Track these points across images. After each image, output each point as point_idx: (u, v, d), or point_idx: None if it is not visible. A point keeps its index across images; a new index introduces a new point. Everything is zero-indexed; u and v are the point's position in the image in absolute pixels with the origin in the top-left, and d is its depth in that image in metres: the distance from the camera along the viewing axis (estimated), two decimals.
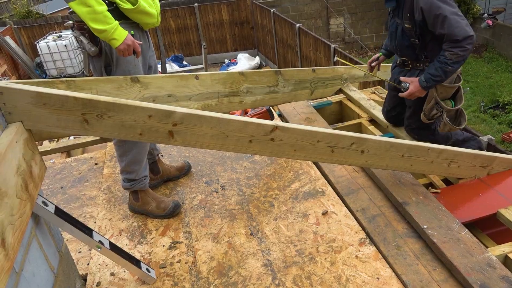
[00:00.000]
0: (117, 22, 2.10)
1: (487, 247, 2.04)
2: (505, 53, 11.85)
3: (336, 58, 3.02)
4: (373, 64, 3.07)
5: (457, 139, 2.93)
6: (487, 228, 2.31)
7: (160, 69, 2.53)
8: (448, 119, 2.67)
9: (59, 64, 10.89)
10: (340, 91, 3.87)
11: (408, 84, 2.63)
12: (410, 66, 2.75)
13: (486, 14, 12.90)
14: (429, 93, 2.65)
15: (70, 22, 2.19)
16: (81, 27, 2.13)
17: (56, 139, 4.28)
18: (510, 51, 11.67)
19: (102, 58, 2.22)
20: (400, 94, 2.68)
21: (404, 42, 2.67)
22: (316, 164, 2.79)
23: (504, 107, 9.51)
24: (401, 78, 2.69)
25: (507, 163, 2.54)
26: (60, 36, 10.96)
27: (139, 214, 2.48)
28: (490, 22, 12.23)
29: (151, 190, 2.53)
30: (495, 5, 13.57)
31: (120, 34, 2.09)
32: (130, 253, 2.07)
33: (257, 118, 3.19)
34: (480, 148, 2.96)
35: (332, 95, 3.88)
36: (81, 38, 2.13)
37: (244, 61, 12.43)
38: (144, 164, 2.42)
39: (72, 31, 2.20)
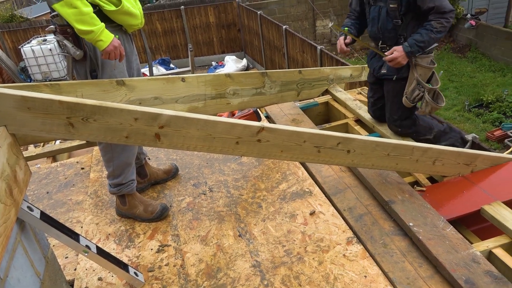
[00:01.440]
0: (103, 24, 2.09)
1: (471, 243, 2.07)
2: (488, 53, 12.05)
3: (330, 25, 3.04)
4: (346, 47, 3.01)
5: (439, 130, 3.05)
6: (471, 224, 2.34)
7: (145, 72, 2.53)
8: (430, 98, 2.81)
9: (44, 68, 10.76)
10: (327, 92, 3.90)
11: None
12: (388, 49, 2.84)
13: (469, 14, 13.12)
14: (409, 76, 2.82)
15: (52, 26, 2.17)
16: (64, 31, 2.11)
17: (41, 144, 4.24)
18: (493, 51, 11.88)
19: (86, 63, 2.20)
20: (384, 58, 2.79)
21: (387, 24, 2.81)
22: (303, 164, 2.81)
23: (487, 106, 9.67)
24: (386, 53, 2.80)
25: (490, 161, 2.59)
26: (45, 40, 10.84)
27: (127, 218, 2.47)
28: (473, 22, 12.44)
29: (139, 193, 2.52)
30: (478, 5, 13.81)
31: (106, 36, 2.08)
32: (117, 257, 2.05)
33: (244, 119, 3.20)
34: (462, 139, 3.10)
35: (318, 96, 3.91)
36: (65, 42, 2.11)
37: (231, 64, 12.43)
38: (131, 168, 2.41)
39: (55, 35, 2.18)
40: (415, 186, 2.68)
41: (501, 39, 11.59)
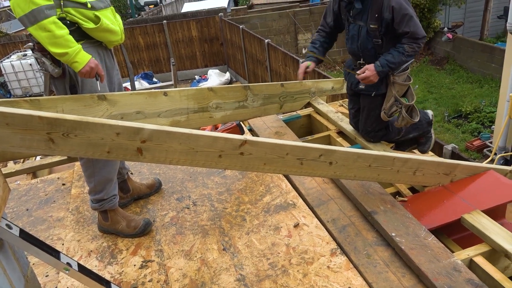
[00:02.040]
0: (79, 46, 2.08)
1: (453, 252, 2.10)
2: (465, 65, 12.38)
3: (304, 51, 3.18)
4: (305, 73, 3.18)
5: (403, 128, 3.13)
6: (452, 233, 2.38)
7: (127, 87, 2.52)
8: (406, 114, 2.92)
9: (24, 83, 10.63)
10: (309, 104, 3.94)
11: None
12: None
13: (446, 28, 13.48)
14: (387, 93, 2.91)
15: (30, 44, 2.15)
16: (42, 48, 2.09)
17: (21, 160, 4.16)
18: (470, 63, 12.21)
19: (66, 79, 2.19)
20: (357, 76, 2.86)
21: (367, 44, 2.86)
22: (286, 177, 2.82)
23: (466, 116, 9.90)
24: (358, 72, 2.89)
25: (468, 170, 2.64)
26: (25, 55, 10.73)
27: (109, 234, 2.44)
28: (450, 35, 12.79)
29: (121, 209, 2.49)
30: (454, 19, 14.22)
31: (82, 57, 2.07)
32: (100, 274, 2.02)
33: (227, 133, 3.21)
34: (429, 123, 3.24)
35: (301, 109, 3.94)
36: (43, 59, 2.10)
37: (215, 77, 12.49)
38: (113, 183, 2.38)
39: (33, 52, 2.16)
40: (396, 196, 2.71)
41: (477, 52, 11.93)
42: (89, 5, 2.12)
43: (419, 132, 3.22)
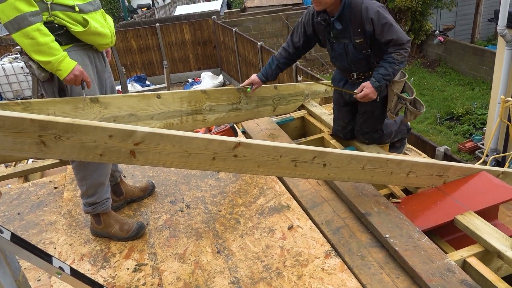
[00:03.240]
0: (64, 53, 2.05)
1: (446, 253, 2.11)
2: (457, 68, 12.50)
3: (300, 78, 3.18)
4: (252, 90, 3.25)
5: (394, 131, 3.26)
6: (445, 234, 2.39)
7: (119, 89, 2.50)
8: (412, 107, 2.99)
9: (16, 86, 10.54)
10: (302, 107, 3.95)
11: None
12: (363, 77, 2.98)
13: (437, 31, 13.60)
14: (389, 93, 2.96)
15: (18, 47, 2.13)
16: None
17: (13, 164, 4.12)
18: (461, 66, 12.32)
19: (54, 83, 2.16)
20: (355, 96, 2.89)
21: (358, 55, 2.88)
22: (280, 179, 2.82)
23: (458, 118, 9.98)
24: (356, 91, 2.91)
25: (461, 171, 2.66)
26: (16, 58, 10.63)
27: (102, 237, 2.42)
28: (441, 38, 12.90)
29: (114, 212, 2.47)
30: (445, 22, 14.36)
31: (66, 65, 2.04)
32: (93, 278, 2.00)
33: (221, 135, 3.20)
34: (408, 129, 3.39)
35: (294, 111, 3.95)
36: (30, 63, 2.07)
37: (208, 80, 12.48)
38: (106, 186, 2.37)
39: (21, 56, 2.14)
40: (390, 198, 2.72)
41: (468, 54, 12.04)
42: (77, 9, 2.09)
43: (401, 136, 3.34)
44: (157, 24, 12.98)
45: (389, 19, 2.70)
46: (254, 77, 3.21)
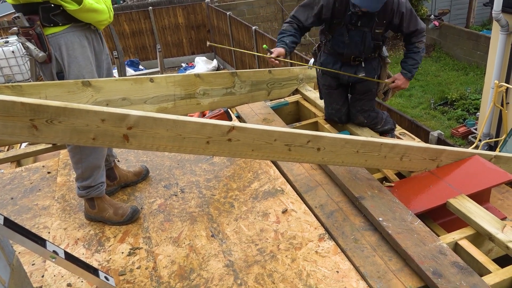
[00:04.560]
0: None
1: (438, 236, 2.14)
2: (452, 53, 12.48)
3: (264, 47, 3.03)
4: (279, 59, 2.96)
5: (384, 118, 3.38)
6: (438, 217, 2.42)
7: (116, 73, 2.47)
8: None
9: (7, 71, 10.38)
10: (297, 91, 3.94)
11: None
12: (361, 60, 3.08)
13: (432, 15, 13.54)
14: (382, 74, 3.19)
15: (15, 28, 2.09)
16: (26, 33, 2.03)
17: (5, 149, 4.09)
18: (456, 50, 12.31)
19: (52, 65, 2.13)
20: (391, 85, 3.10)
21: (371, 44, 3.00)
22: (274, 163, 2.82)
23: (452, 103, 10.01)
24: (388, 80, 3.17)
25: (454, 155, 2.67)
26: (7, 42, 10.46)
27: (96, 222, 2.42)
28: (436, 23, 12.85)
29: (108, 196, 2.47)
30: (441, 7, 14.29)
31: None
32: (87, 262, 2.00)
33: (215, 120, 3.19)
34: (393, 121, 3.47)
35: (289, 96, 3.94)
36: (28, 44, 2.04)
37: (202, 65, 12.38)
38: (101, 170, 2.35)
39: (18, 37, 2.10)
40: (384, 182, 2.74)
41: (463, 39, 12.02)
42: None
43: (390, 126, 3.42)
44: (150, 7, 12.79)
45: (414, 12, 2.89)
46: (279, 49, 2.94)
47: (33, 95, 2.09)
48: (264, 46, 2.95)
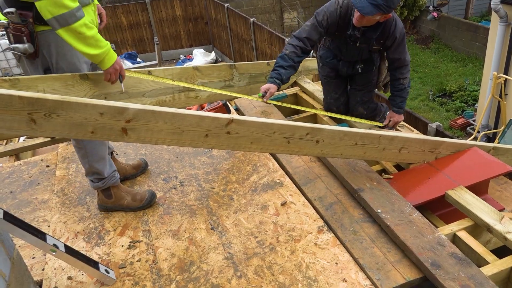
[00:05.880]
0: (108, 44, 2.07)
1: (437, 227, 2.15)
2: (450, 44, 12.44)
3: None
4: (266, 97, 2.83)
5: (381, 110, 3.42)
6: (436, 209, 2.43)
7: None
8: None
9: (4, 64, 10.33)
10: (295, 83, 3.93)
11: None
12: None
13: (431, 6, 13.48)
14: (381, 67, 3.17)
15: (3, 22, 2.05)
16: (18, 29, 1.98)
17: (3, 142, 4.08)
18: (455, 42, 12.27)
19: (38, 61, 2.10)
20: (390, 125, 3.12)
21: (367, 55, 3.05)
22: (273, 156, 2.82)
23: (451, 95, 10.01)
24: (385, 122, 3.16)
25: (453, 147, 2.68)
26: (3, 35, 10.39)
27: (113, 211, 2.42)
28: (435, 14, 12.80)
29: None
30: None
31: (110, 58, 2.10)
32: (87, 255, 2.01)
33: (213, 112, 3.18)
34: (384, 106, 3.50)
35: (287, 88, 3.92)
36: (14, 45, 2.00)
37: (200, 57, 12.33)
38: (107, 160, 2.35)
39: (7, 32, 2.06)
40: (382, 174, 2.75)
41: (461, 31, 11.98)
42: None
43: (383, 116, 3.45)
44: None
45: (405, 41, 2.90)
46: (267, 85, 2.83)
47: (31, 88, 2.08)
48: (259, 94, 2.81)
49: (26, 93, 1.61)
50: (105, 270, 1.96)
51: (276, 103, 2.88)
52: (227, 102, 3.42)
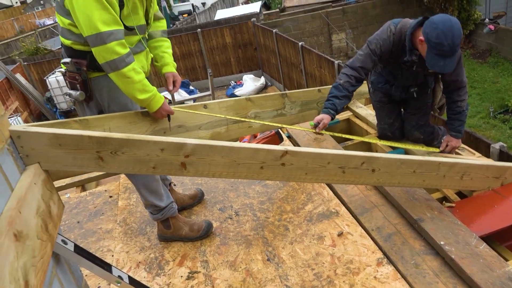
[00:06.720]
0: (154, 89, 2.19)
1: (507, 260, 2.02)
2: (510, 57, 11.82)
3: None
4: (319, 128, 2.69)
5: (439, 133, 3.28)
6: (505, 240, 2.28)
7: (165, 96, 2.56)
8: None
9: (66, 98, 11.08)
10: (347, 108, 3.90)
11: None
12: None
13: (487, 19, 12.94)
14: (436, 89, 3.07)
15: (62, 70, 2.24)
16: (72, 77, 2.15)
17: None
18: None
19: (93, 104, 2.26)
20: (447, 149, 2.93)
21: (422, 79, 2.97)
22: (328, 184, 2.80)
23: None
24: (442, 147, 2.95)
25: None
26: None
27: (170, 241, 2.51)
28: (492, 27, 12.26)
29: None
30: (496, 9, 13.64)
31: (157, 101, 2.22)
32: (148, 286, 2.08)
33: (266, 141, 3.22)
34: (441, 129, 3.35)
35: (339, 113, 3.90)
36: (69, 92, 2.17)
37: (250, 82, 12.55)
38: (161, 190, 2.44)
39: (64, 78, 2.25)
40: (443, 202, 2.63)
41: None
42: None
43: (439, 140, 3.30)
44: (199, 29, 13.22)
45: (462, 62, 2.78)
46: (321, 115, 2.73)
47: (98, 127, 2.22)
48: (310, 123, 2.76)
49: (95, 133, 1.72)
50: None
51: (329, 133, 2.83)
52: (279, 130, 3.45)
